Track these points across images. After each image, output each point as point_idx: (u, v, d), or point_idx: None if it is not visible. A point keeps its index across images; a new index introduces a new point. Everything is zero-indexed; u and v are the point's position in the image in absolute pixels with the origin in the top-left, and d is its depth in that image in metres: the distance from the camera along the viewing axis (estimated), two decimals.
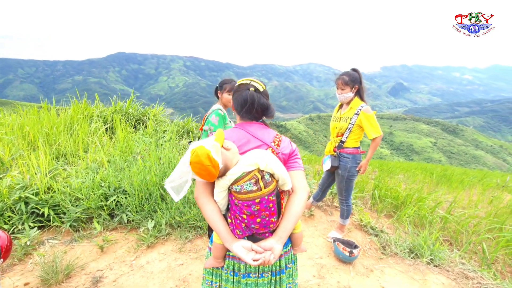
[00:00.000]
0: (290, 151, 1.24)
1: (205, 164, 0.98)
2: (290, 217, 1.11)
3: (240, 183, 1.03)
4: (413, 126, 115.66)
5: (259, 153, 1.09)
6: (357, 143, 2.56)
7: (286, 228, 1.10)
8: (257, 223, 1.06)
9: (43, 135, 4.46)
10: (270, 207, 1.05)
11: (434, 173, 7.57)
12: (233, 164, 1.07)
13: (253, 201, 1.03)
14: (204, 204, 1.12)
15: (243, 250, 1.06)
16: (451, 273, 2.40)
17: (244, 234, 1.09)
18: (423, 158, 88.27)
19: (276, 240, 1.09)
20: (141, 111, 6.41)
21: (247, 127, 1.23)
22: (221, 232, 1.10)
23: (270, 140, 1.21)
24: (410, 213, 3.55)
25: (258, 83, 1.24)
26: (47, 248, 2.48)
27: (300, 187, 1.16)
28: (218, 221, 1.10)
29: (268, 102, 1.24)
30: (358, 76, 2.44)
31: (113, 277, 2.19)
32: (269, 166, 1.05)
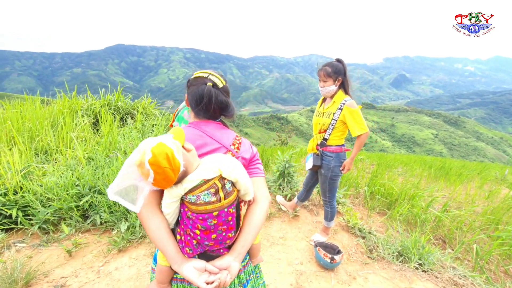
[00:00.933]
0: (251, 156, 1.11)
1: (162, 166, 0.78)
2: (251, 230, 0.98)
3: (196, 193, 0.87)
4: (415, 118, 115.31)
5: (222, 158, 0.94)
6: (341, 141, 2.37)
7: (246, 243, 0.97)
8: (212, 239, 0.91)
9: (25, 130, 4.29)
10: (229, 221, 0.92)
11: (432, 166, 7.40)
12: (193, 168, 0.90)
13: (210, 214, 0.88)
14: (149, 218, 0.92)
15: (194, 272, 0.90)
16: (440, 279, 2.24)
17: (195, 252, 0.93)
18: (424, 150, 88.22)
19: (233, 258, 0.95)
20: (130, 105, 6.21)
21: (203, 126, 1.07)
22: (169, 253, 0.92)
23: (229, 142, 1.07)
24: (403, 211, 3.39)
25: (217, 77, 1.08)
26: (12, 252, 2.34)
27: (262, 196, 1.05)
28: (166, 239, 0.92)
29: (228, 100, 1.09)
30: (342, 67, 2.23)
31: (77, 285, 2.05)
32: (234, 174, 0.91)
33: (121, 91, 6.15)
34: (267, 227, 2.87)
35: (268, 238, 2.69)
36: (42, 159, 3.73)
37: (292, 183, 3.47)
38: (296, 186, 3.49)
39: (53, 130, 4.44)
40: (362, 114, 2.26)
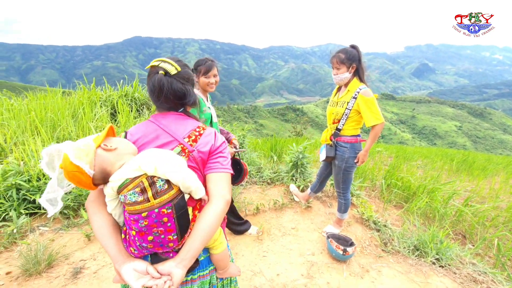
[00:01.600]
0: (211, 148, 1.00)
1: (70, 170, 0.80)
2: (197, 234, 0.88)
3: (124, 192, 0.83)
4: (438, 109, 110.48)
5: (148, 154, 0.89)
6: (357, 131, 2.28)
7: (192, 248, 0.87)
8: (149, 241, 0.85)
9: (48, 120, 4.47)
10: (165, 222, 0.84)
11: (454, 159, 7.10)
12: (116, 168, 0.87)
13: (139, 214, 0.82)
14: (93, 216, 0.92)
15: (132, 274, 0.85)
16: (458, 275, 2.16)
17: (141, 253, 0.88)
18: (446, 142, 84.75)
19: (176, 264, 0.86)
20: (146, 96, 6.32)
21: (160, 119, 1.02)
22: (109, 251, 0.88)
23: (184, 135, 0.99)
24: (421, 205, 3.27)
25: (170, 63, 0.99)
26: (36, 235, 2.47)
27: (216, 195, 0.93)
28: (105, 236, 0.89)
29: (184, 87, 1.00)
30: (357, 54, 2.13)
31: (95, 268, 2.14)
32: (161, 171, 0.84)
33: (137, 82, 6.25)
34: (279, 217, 2.87)
35: (280, 228, 2.69)
36: None
37: (305, 174, 3.43)
38: (310, 177, 3.45)
39: (74, 120, 4.60)
40: (377, 103, 2.16)
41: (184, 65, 1.04)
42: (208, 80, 1.97)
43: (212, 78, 1.99)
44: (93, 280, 2.03)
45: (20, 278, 2.01)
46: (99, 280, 2.02)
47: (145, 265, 0.87)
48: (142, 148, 0.97)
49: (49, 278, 2.03)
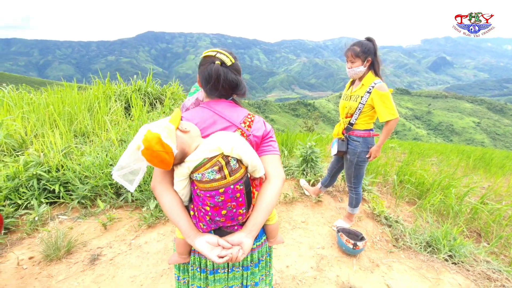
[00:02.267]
0: (264, 133, 1.09)
1: (155, 150, 0.84)
2: (261, 208, 0.98)
3: (201, 171, 0.90)
4: (455, 104, 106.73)
5: (223, 136, 0.95)
6: (370, 125, 2.25)
7: (257, 221, 0.98)
8: (223, 215, 0.94)
9: (65, 114, 4.62)
10: (237, 197, 0.93)
11: (471, 156, 6.88)
12: (192, 149, 0.93)
13: (217, 191, 0.90)
14: (162, 195, 0.98)
15: (207, 246, 0.94)
16: (471, 272, 2.12)
17: (209, 227, 0.97)
18: (463, 139, 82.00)
19: (245, 234, 0.96)
20: (159, 90, 6.42)
21: (214, 106, 1.07)
22: (182, 227, 0.96)
23: (239, 120, 1.06)
24: (434, 201, 3.21)
25: (225, 55, 1.05)
26: (56, 223, 2.58)
27: (274, 174, 1.03)
28: (178, 214, 0.97)
29: (238, 78, 1.06)
30: (373, 47, 2.08)
31: (111, 255, 2.23)
32: (235, 151, 0.91)
33: (151, 77, 6.35)
34: (289, 211, 2.88)
35: (290, 222, 2.71)
36: (80, 141, 4.02)
37: (316, 169, 3.42)
38: (320, 172, 3.44)
39: (90, 114, 4.73)
40: (392, 98, 2.12)
41: (235, 57, 1.09)
42: None
43: None
44: (110, 266, 2.11)
45: (42, 263, 2.12)
46: (115, 267, 2.11)
47: (215, 238, 0.95)
48: (202, 132, 1.02)
49: (69, 264, 2.13)
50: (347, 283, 1.96)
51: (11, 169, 2.88)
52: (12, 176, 2.87)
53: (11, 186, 2.77)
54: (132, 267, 2.10)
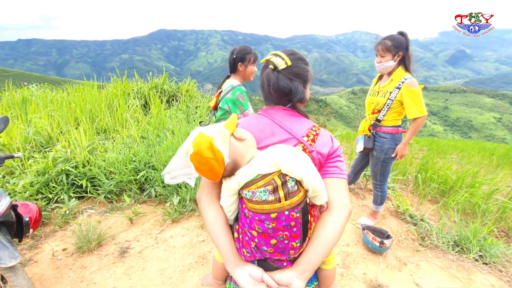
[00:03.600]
0: (330, 151, 0.91)
1: (205, 156, 0.74)
2: (319, 245, 0.80)
3: (251, 188, 0.77)
4: (474, 99, 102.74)
5: (283, 150, 0.80)
6: (398, 121, 2.20)
7: (312, 260, 0.80)
8: (271, 245, 0.79)
9: (87, 112, 4.76)
10: (291, 227, 0.77)
11: (494, 153, 6.63)
12: (246, 160, 0.81)
13: (268, 215, 0.76)
14: (206, 210, 0.87)
15: (248, 280, 0.80)
16: (504, 273, 2.05)
17: (253, 256, 0.83)
18: (483, 136, 78.98)
19: (296, 274, 0.79)
20: (175, 88, 6.51)
21: (273, 114, 0.94)
22: (223, 251, 0.84)
23: (302, 133, 0.90)
24: (460, 200, 3.12)
25: (281, 57, 0.92)
26: (84, 217, 2.68)
27: (338, 203, 0.85)
28: (221, 234, 0.85)
29: (291, 83, 0.91)
30: (405, 41, 2.02)
31: (139, 249, 2.29)
32: (296, 171, 0.76)
33: (166, 75, 6.44)
34: None
35: None
36: (102, 138, 4.14)
37: None
38: None
39: (109, 111, 4.85)
40: (422, 95, 2.07)
41: (298, 58, 0.95)
42: (255, 68, 2.00)
43: (255, 67, 2.03)
44: (139, 259, 2.18)
45: (74, 254, 2.21)
46: (144, 260, 2.17)
47: (260, 272, 0.81)
48: (258, 142, 0.89)
49: (100, 256, 2.21)
50: (375, 281, 1.94)
51: (41, 165, 3.01)
52: (42, 172, 2.99)
53: (42, 181, 2.89)
54: (160, 260, 2.16)
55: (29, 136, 3.70)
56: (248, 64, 2.01)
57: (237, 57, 2.01)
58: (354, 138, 6.35)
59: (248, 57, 1.99)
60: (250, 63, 2.01)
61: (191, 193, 2.89)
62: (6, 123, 1.75)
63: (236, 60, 2.02)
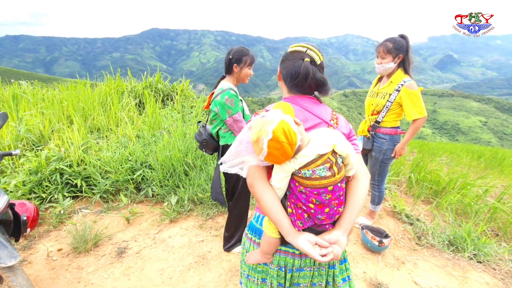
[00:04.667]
0: (348, 131, 1.06)
1: (281, 141, 0.81)
2: (354, 206, 0.96)
3: (311, 167, 0.87)
4: (461, 103, 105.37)
5: (333, 133, 0.92)
6: (397, 123, 2.24)
7: (351, 219, 0.95)
8: (325, 213, 0.91)
9: (79, 110, 4.66)
10: (340, 196, 0.91)
11: (482, 156, 6.81)
12: (305, 143, 0.89)
13: (326, 188, 0.88)
14: (263, 192, 0.95)
15: (309, 244, 0.91)
16: (497, 271, 2.12)
17: (305, 225, 0.94)
18: (469, 138, 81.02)
19: (341, 232, 0.93)
20: (169, 87, 6.45)
21: (301, 101, 1.04)
22: (284, 224, 0.94)
23: (328, 117, 1.04)
24: (452, 200, 3.20)
25: (316, 52, 1.02)
26: (79, 216, 2.63)
27: (362, 173, 1.01)
28: (280, 211, 0.94)
29: (325, 77, 1.03)
30: (405, 44, 2.06)
31: (137, 249, 2.26)
32: (346, 149, 0.90)
33: (160, 74, 6.38)
34: None
35: None
36: (95, 136, 4.06)
37: None
38: None
39: (103, 110, 4.77)
40: (421, 97, 2.11)
41: (323, 55, 1.06)
42: (250, 71, 1.96)
43: (251, 69, 1.99)
44: (137, 259, 2.14)
45: (70, 255, 2.16)
46: (143, 260, 2.14)
47: (313, 237, 0.93)
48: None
49: (97, 256, 2.17)
50: (375, 279, 1.97)
51: (34, 163, 2.93)
52: (35, 170, 2.91)
53: (35, 180, 2.82)
54: (159, 261, 2.13)
55: (21, 134, 3.61)
56: (244, 66, 1.93)
57: (233, 58, 1.93)
58: None
59: (245, 59, 1.92)
60: (246, 65, 1.93)
61: (189, 193, 2.87)
62: (5, 119, 1.70)
63: (232, 61, 1.94)
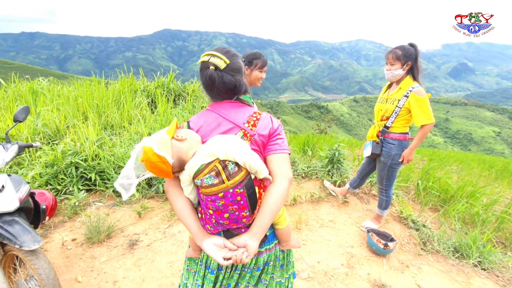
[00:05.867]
0: (271, 131, 1.06)
1: (153, 161, 0.91)
2: (265, 210, 0.97)
3: (200, 177, 0.92)
4: (475, 112, 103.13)
5: (218, 140, 0.97)
6: (406, 128, 2.27)
7: (262, 223, 0.97)
8: (226, 218, 0.95)
9: (94, 107, 4.82)
10: (238, 201, 0.93)
11: (493, 166, 6.70)
12: (189, 156, 0.96)
13: (216, 195, 0.92)
14: (173, 199, 1.04)
15: (213, 248, 0.97)
16: (500, 278, 2.12)
17: (216, 229, 1.00)
18: (482, 149, 79.13)
19: (250, 237, 0.96)
20: (181, 87, 6.58)
21: (218, 108, 1.09)
22: (191, 229, 1.02)
23: (243, 120, 1.05)
24: (460, 209, 3.18)
25: (219, 57, 1.03)
26: (93, 209, 2.73)
27: (279, 174, 1.00)
28: (187, 216, 1.02)
29: (235, 79, 1.05)
30: (414, 52, 2.11)
31: (148, 242, 2.34)
32: (230, 155, 0.91)
33: (173, 75, 6.51)
34: (316, 210, 2.93)
35: (318, 220, 2.76)
36: (109, 133, 4.19)
37: (342, 170, 3.45)
38: (346, 173, 3.47)
39: (116, 108, 4.92)
40: (429, 103, 2.14)
41: (233, 55, 1.07)
42: (261, 75, 2.02)
43: (264, 73, 2.06)
44: (148, 252, 2.23)
45: (84, 245, 2.26)
46: (153, 252, 2.22)
47: (222, 240, 0.98)
48: (206, 135, 1.04)
49: (109, 247, 2.26)
50: (379, 281, 2.00)
51: (50, 157, 3.06)
52: (51, 163, 3.04)
53: (51, 172, 2.94)
54: (169, 254, 2.21)
55: (38, 128, 3.76)
56: (254, 69, 2.00)
57: (244, 60, 1.98)
58: (355, 145, 6.44)
59: (255, 62, 1.99)
60: (257, 68, 1.99)
61: None
62: (27, 113, 1.81)
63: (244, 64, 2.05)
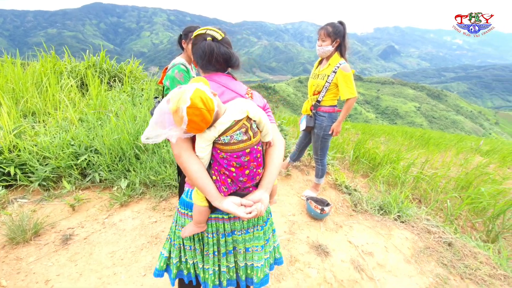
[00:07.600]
0: (263, 104, 1.19)
1: (199, 107, 0.87)
2: (273, 168, 1.10)
3: (229, 133, 0.96)
4: (400, 90, 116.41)
5: (246, 101, 1.03)
6: (334, 102, 2.47)
7: (271, 179, 1.09)
8: (246, 175, 1.02)
9: (9, 91, 4.12)
10: (258, 158, 1.03)
11: (413, 136, 7.77)
12: (222, 111, 0.98)
13: (243, 151, 0.98)
14: (189, 162, 1.00)
15: (234, 205, 1.01)
16: (415, 228, 2.54)
17: (230, 190, 1.04)
18: (406, 122, 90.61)
19: (263, 191, 1.07)
20: (116, 68, 6.00)
21: (216, 78, 1.13)
22: (211, 190, 1.02)
23: (243, 92, 1.14)
24: (385, 173, 3.66)
25: (215, 31, 1.10)
26: (15, 207, 2.40)
27: (278, 139, 1.16)
28: (207, 178, 1.02)
29: (230, 51, 1.12)
30: (342, 30, 2.26)
31: (84, 235, 2.18)
32: (258, 114, 1.01)
33: (104, 53, 5.87)
34: None
35: None
36: (30, 121, 3.67)
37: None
38: (288, 148, 3.65)
39: (38, 92, 4.29)
40: (353, 79, 2.35)
41: (224, 32, 1.14)
42: None
43: None
44: (85, 245, 2.08)
45: (7, 247, 2.00)
46: (91, 245, 2.08)
47: (238, 199, 1.04)
48: None
49: (38, 245, 2.04)
50: (316, 242, 2.22)
51: None
52: None
53: None
54: (109, 244, 2.10)
55: None
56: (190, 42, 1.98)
57: (182, 34, 2.04)
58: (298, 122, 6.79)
59: (191, 35, 1.90)
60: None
61: (141, 176, 2.81)
62: None
63: (181, 37, 2.05)
